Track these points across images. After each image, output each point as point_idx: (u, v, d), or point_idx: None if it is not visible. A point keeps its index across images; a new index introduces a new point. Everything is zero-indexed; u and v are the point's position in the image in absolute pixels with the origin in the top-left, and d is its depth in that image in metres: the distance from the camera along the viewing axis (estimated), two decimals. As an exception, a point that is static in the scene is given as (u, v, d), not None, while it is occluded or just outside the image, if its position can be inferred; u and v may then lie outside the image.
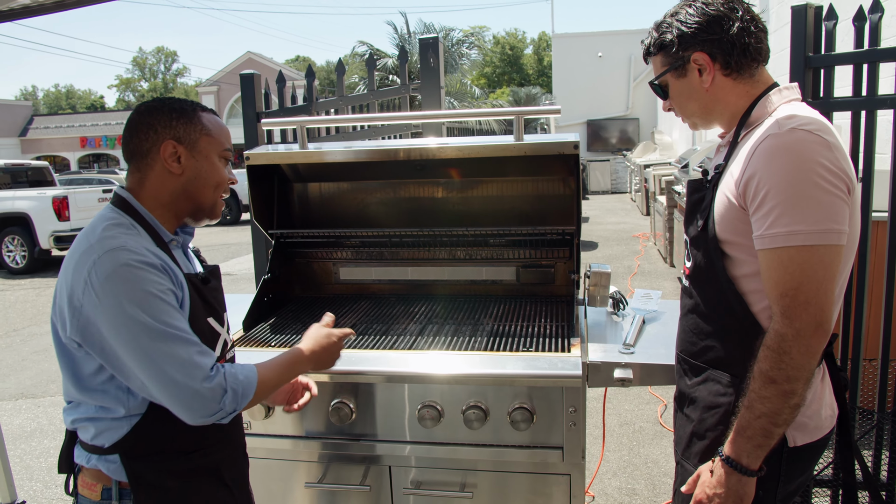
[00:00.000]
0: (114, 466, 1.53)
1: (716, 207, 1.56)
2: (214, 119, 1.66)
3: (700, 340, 1.66)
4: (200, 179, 1.60)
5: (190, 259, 1.72)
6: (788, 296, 1.38)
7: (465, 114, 2.89)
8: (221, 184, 1.66)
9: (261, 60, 35.31)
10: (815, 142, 1.39)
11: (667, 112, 1.83)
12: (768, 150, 1.42)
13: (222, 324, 1.69)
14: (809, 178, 1.37)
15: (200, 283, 1.63)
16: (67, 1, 2.12)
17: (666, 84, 1.70)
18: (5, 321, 8.31)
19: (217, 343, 1.65)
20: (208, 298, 1.64)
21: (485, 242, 2.95)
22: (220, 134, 1.64)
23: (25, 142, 37.42)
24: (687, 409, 1.70)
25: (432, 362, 2.18)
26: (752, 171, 1.44)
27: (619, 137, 24.45)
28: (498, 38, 52.87)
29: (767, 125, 1.48)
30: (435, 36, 3.17)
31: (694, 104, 1.67)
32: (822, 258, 1.37)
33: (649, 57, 1.73)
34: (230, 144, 1.68)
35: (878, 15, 2.46)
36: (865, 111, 2.58)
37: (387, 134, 3.66)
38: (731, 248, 1.55)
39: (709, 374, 1.63)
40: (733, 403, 1.54)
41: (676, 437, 1.76)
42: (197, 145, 1.59)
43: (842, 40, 2.64)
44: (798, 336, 1.36)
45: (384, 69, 19.77)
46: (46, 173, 13.95)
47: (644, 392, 5.06)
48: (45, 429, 4.91)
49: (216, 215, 1.69)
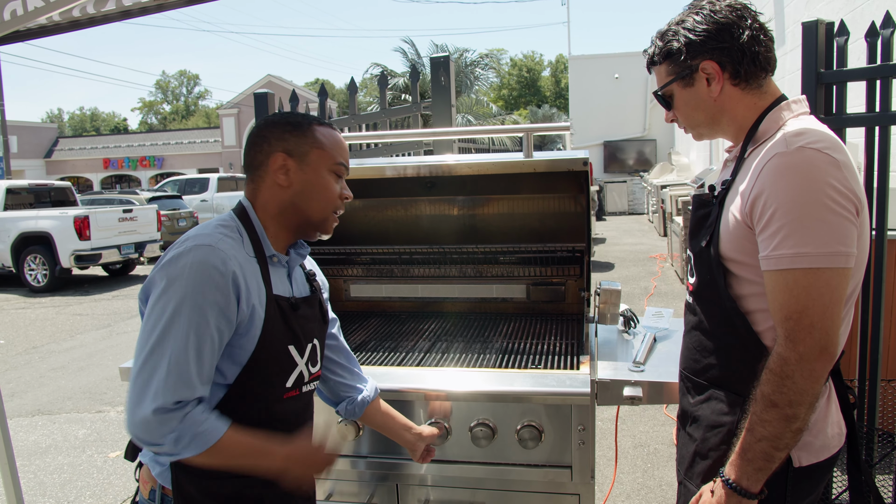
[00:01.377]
0: (161, 470, 1.52)
1: (722, 225, 1.53)
2: (329, 133, 1.61)
3: (703, 358, 1.62)
4: (309, 193, 1.57)
5: (293, 280, 1.66)
6: (793, 319, 1.34)
7: (474, 131, 2.90)
8: (332, 198, 1.60)
9: (280, 83, 35.85)
10: (824, 161, 1.36)
11: (669, 123, 1.77)
12: (775, 168, 1.39)
13: (303, 355, 1.61)
14: (817, 198, 1.34)
15: (290, 307, 1.57)
16: (82, 21, 2.17)
17: (671, 94, 1.64)
18: (25, 338, 8.41)
19: (291, 374, 1.58)
20: (293, 325, 1.57)
21: (495, 260, 2.94)
22: (333, 147, 1.60)
23: (50, 163, 38.19)
24: (690, 427, 1.66)
25: (440, 379, 2.17)
26: (758, 189, 1.41)
27: (636, 158, 24.40)
28: (515, 61, 53.29)
29: (775, 141, 1.44)
30: (446, 55, 3.19)
31: (701, 114, 1.62)
32: (829, 281, 1.33)
33: (653, 67, 1.67)
34: (344, 159, 1.63)
35: (890, 30, 2.44)
36: (879, 127, 2.55)
37: (398, 151, 3.69)
38: (735, 266, 1.51)
39: (711, 392, 1.59)
40: (736, 423, 1.51)
41: (679, 457, 1.72)
42: (307, 158, 1.56)
43: (858, 57, 2.63)
44: (801, 360, 1.33)
45: (396, 88, 19.98)
46: (69, 193, 14.18)
47: (659, 413, 4.99)
48: (59, 445, 4.94)
49: (327, 230, 1.64)
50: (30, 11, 2.20)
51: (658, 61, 1.64)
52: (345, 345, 1.95)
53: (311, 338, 1.65)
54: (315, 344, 1.68)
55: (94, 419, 5.46)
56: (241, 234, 1.54)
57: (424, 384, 2.15)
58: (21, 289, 12.24)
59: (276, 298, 1.54)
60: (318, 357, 1.70)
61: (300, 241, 1.70)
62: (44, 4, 2.18)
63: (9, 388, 6.37)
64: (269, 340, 1.50)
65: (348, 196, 1.64)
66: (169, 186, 20.84)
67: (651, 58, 1.67)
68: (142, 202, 15.06)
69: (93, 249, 11.77)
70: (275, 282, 1.56)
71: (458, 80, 22.99)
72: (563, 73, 48.47)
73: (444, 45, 23.46)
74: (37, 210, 12.62)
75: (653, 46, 1.65)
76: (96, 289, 12.17)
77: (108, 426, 5.29)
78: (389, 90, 19.93)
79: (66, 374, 6.75)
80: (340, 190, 1.62)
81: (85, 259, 11.78)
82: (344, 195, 1.63)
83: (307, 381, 1.66)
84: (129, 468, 4.45)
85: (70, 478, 4.37)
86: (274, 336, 1.51)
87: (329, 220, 1.62)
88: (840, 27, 2.59)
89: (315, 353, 1.69)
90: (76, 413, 5.63)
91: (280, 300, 1.55)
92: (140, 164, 37.21)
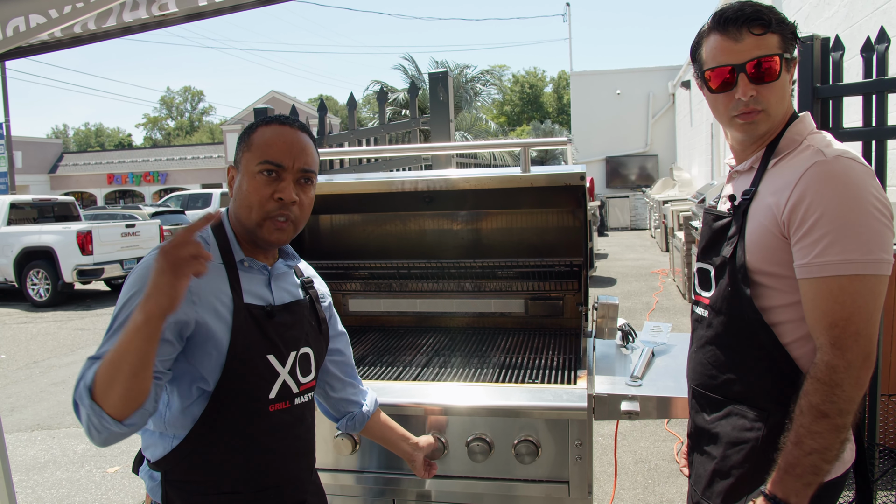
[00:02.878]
0: (153, 484, 1.51)
1: (749, 236, 1.50)
2: (266, 131, 1.51)
3: (721, 373, 1.58)
4: (241, 199, 1.50)
5: (275, 287, 1.58)
6: (839, 326, 1.33)
7: (471, 145, 2.91)
8: (259, 201, 1.47)
9: (284, 99, 36.09)
10: (863, 171, 1.38)
11: (745, 98, 1.49)
12: (818, 176, 1.38)
13: (284, 364, 1.54)
14: (862, 206, 1.34)
15: (264, 315, 1.51)
16: (83, 36, 2.20)
17: (779, 68, 1.48)
18: (26, 353, 8.41)
19: (273, 384, 1.51)
20: (269, 334, 1.51)
21: (493, 274, 2.94)
22: (261, 146, 1.49)
23: (55, 178, 38.37)
24: (707, 446, 1.61)
25: (437, 394, 2.16)
26: (798, 198, 1.39)
27: (639, 174, 24.44)
28: (517, 77, 53.57)
29: (811, 151, 1.45)
30: (444, 70, 3.22)
31: (784, 105, 1.53)
32: (874, 288, 1.33)
33: (766, 30, 1.47)
34: (272, 156, 1.47)
35: (885, 45, 2.46)
36: (875, 141, 2.56)
37: (397, 166, 3.70)
38: (763, 277, 1.49)
39: (731, 408, 1.55)
40: (761, 439, 1.48)
41: (695, 476, 1.66)
42: (240, 164, 1.52)
43: (857, 73, 2.63)
44: (850, 368, 1.32)
45: (396, 104, 20.09)
46: (72, 208, 14.24)
47: (660, 429, 4.95)
48: (58, 460, 4.92)
49: (263, 236, 1.50)
50: (32, 28, 2.23)
51: (778, 30, 1.48)
52: (351, 359, 1.92)
53: (295, 346, 1.58)
54: (305, 353, 1.61)
55: (94, 434, 5.45)
56: (209, 243, 1.52)
57: (421, 398, 2.14)
58: (23, 303, 12.25)
59: (248, 307, 1.49)
60: (310, 367, 1.63)
61: (287, 250, 1.69)
62: (46, 21, 2.21)
63: (9, 403, 6.36)
64: (241, 348, 1.45)
65: (283, 197, 1.47)
66: (172, 202, 20.93)
67: (775, 23, 1.48)
68: (144, 217, 15.12)
69: (95, 264, 11.80)
70: (247, 289, 1.51)
71: (459, 96, 23.10)
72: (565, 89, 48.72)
73: (445, 62, 23.63)
74: (40, 225, 12.67)
75: (770, 12, 1.49)
76: (98, 303, 12.18)
77: (108, 441, 5.27)
78: (390, 105, 20.05)
79: (66, 389, 6.73)
80: (272, 192, 1.48)
81: (87, 274, 11.80)
82: (276, 196, 1.48)
83: (297, 392, 1.58)
84: (127, 484, 4.43)
85: (68, 493, 4.35)
86: (246, 344, 1.46)
87: (264, 226, 1.49)
88: (835, 42, 2.61)
89: (307, 362, 1.62)
90: (75, 428, 5.61)
91: (253, 308, 1.50)
92: (144, 179, 37.36)
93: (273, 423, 1.53)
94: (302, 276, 1.73)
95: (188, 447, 1.46)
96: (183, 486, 1.47)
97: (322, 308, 1.74)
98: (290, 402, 1.57)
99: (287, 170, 1.49)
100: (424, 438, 2.01)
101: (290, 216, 1.51)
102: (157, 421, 1.49)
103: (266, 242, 1.53)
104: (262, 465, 1.52)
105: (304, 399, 1.62)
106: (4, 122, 21.24)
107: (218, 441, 1.47)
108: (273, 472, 1.54)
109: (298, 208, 1.53)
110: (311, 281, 1.75)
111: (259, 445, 1.51)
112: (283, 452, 1.56)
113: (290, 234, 1.54)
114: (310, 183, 1.56)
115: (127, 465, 4.73)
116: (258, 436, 1.51)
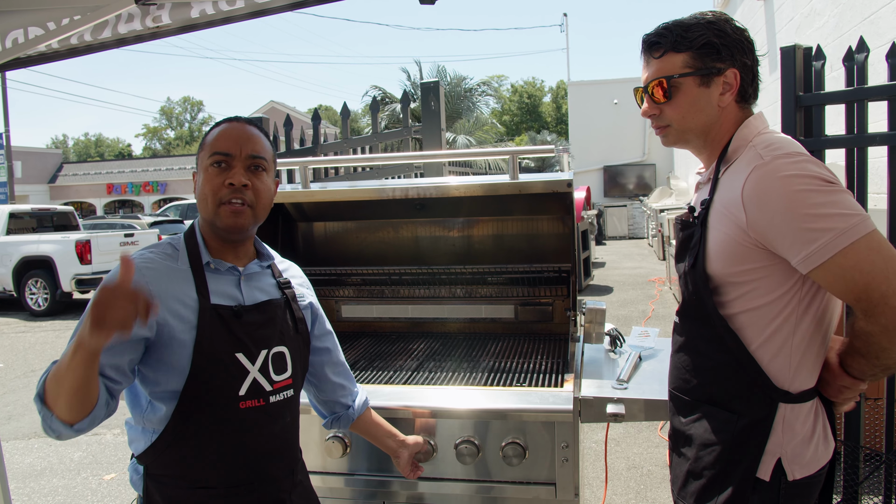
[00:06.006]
0: (136, 477, 1.56)
1: (711, 244, 1.54)
2: (216, 129, 1.59)
3: (692, 377, 1.63)
4: (199, 195, 1.58)
5: (245, 288, 1.62)
6: (863, 299, 1.36)
7: (463, 153, 2.96)
8: (212, 190, 1.54)
9: (283, 109, 36.23)
10: (795, 162, 1.41)
11: (646, 117, 1.67)
12: (758, 183, 1.42)
13: (254, 362, 1.56)
14: (807, 193, 1.37)
15: (232, 315, 1.55)
16: (79, 48, 2.25)
17: (678, 86, 1.56)
18: (24, 362, 8.42)
19: (242, 381, 1.54)
20: (237, 333, 1.54)
21: (483, 280, 2.98)
22: (210, 142, 1.57)
23: (55, 188, 38.45)
24: (683, 447, 1.66)
25: (426, 397, 2.20)
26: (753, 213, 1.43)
27: (636, 183, 24.53)
28: (516, 87, 53.74)
29: (748, 157, 1.48)
30: (436, 80, 3.27)
31: (701, 117, 1.57)
32: (870, 246, 1.34)
33: (664, 53, 1.57)
34: (221, 147, 1.55)
35: (864, 55, 2.51)
36: (856, 148, 2.61)
37: (390, 174, 3.75)
38: (726, 285, 1.52)
39: (703, 411, 1.60)
40: (730, 440, 1.52)
41: (673, 476, 1.71)
42: (198, 165, 1.60)
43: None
44: (885, 331, 1.36)
45: (393, 113, 20.22)
46: (71, 218, 14.29)
47: (653, 435, 4.98)
48: (54, 468, 4.94)
49: (222, 222, 1.55)
50: (30, 39, 2.28)
51: (681, 49, 1.55)
52: (340, 358, 1.94)
53: (266, 345, 1.60)
54: (280, 351, 1.63)
55: (90, 442, 5.46)
56: (178, 249, 1.59)
57: (410, 402, 2.18)
58: (21, 312, 12.27)
59: (215, 307, 1.53)
60: (285, 365, 1.64)
61: (263, 250, 1.73)
62: (44, 33, 2.26)
63: (6, 411, 6.38)
64: (207, 346, 1.49)
65: (233, 182, 1.53)
66: (171, 211, 20.98)
67: (669, 43, 1.57)
68: (143, 227, 15.17)
69: (94, 273, 11.82)
70: (215, 290, 1.57)
71: (459, 105, 23.21)
72: (563, 99, 48.86)
73: (444, 70, 23.75)
74: (39, 234, 12.70)
75: (670, 34, 1.57)
76: (96, 313, 12.18)
77: (104, 449, 5.29)
78: (387, 114, 20.16)
79: (63, 398, 6.74)
80: (224, 180, 1.54)
81: (86, 283, 11.82)
82: (227, 182, 1.54)
83: (271, 390, 1.60)
84: (123, 491, 4.45)
85: (64, 500, 4.37)
86: (212, 342, 1.50)
87: (220, 212, 1.55)
88: (817, 52, 2.66)
89: (282, 361, 1.63)
90: (72, 436, 5.63)
91: (220, 308, 1.54)
92: (143, 189, 37.44)
93: (245, 421, 1.55)
94: (280, 276, 1.75)
95: (165, 442, 1.51)
96: (161, 479, 1.52)
97: (299, 308, 1.76)
98: (265, 401, 1.58)
99: (235, 157, 1.56)
100: (412, 437, 2.04)
101: (246, 199, 1.56)
102: (138, 416, 1.55)
103: (226, 229, 1.57)
104: (234, 461, 1.55)
105: (281, 397, 1.63)
106: (4, 132, 21.34)
107: (191, 436, 1.51)
108: (245, 469, 1.57)
109: (253, 193, 1.57)
110: (289, 282, 1.77)
111: (230, 442, 1.54)
112: (256, 450, 1.58)
113: (247, 217, 1.58)
114: (261, 170, 1.60)
115: (123, 472, 4.76)
116: (229, 432, 1.54)
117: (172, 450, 1.51)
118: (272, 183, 1.67)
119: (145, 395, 1.53)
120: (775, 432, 1.49)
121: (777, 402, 1.48)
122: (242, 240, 1.65)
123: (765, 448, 1.48)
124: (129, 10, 2.15)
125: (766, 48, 9.05)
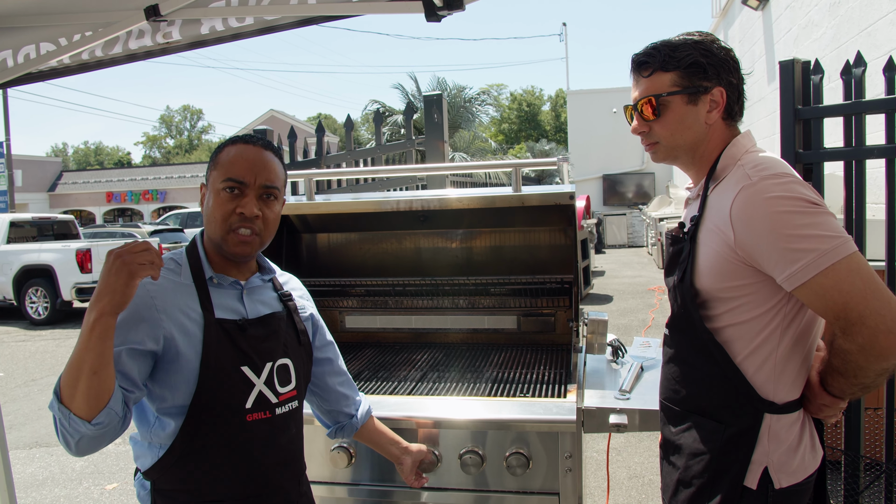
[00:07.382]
0: (144, 493, 1.57)
1: (700, 260, 1.58)
2: (232, 150, 1.60)
3: (682, 388, 1.67)
4: (208, 216, 1.59)
5: (248, 302, 1.64)
6: (841, 317, 1.40)
7: (465, 166, 2.99)
8: (222, 216, 1.56)
9: (282, 118, 36.33)
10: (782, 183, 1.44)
11: (636, 134, 1.71)
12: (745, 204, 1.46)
13: (259, 374, 1.58)
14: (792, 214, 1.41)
15: (237, 329, 1.57)
16: (90, 63, 2.28)
17: (666, 105, 1.60)
18: (24, 371, 8.43)
19: (249, 394, 1.56)
20: (243, 346, 1.56)
21: (486, 291, 3.01)
22: (224, 164, 1.58)
23: (54, 196, 38.46)
24: (672, 456, 1.70)
25: (431, 408, 2.22)
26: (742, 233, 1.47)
27: (636, 191, 24.60)
28: (515, 96, 53.94)
29: (737, 176, 1.52)
30: (439, 93, 3.31)
31: (688, 135, 1.61)
32: (850, 267, 1.38)
33: (653, 73, 1.61)
34: (235, 174, 1.56)
35: (862, 69, 2.55)
36: (854, 161, 2.65)
37: (393, 186, 3.79)
38: (714, 300, 1.56)
39: (692, 421, 1.63)
40: (718, 450, 1.55)
41: (663, 485, 1.75)
42: (209, 182, 1.61)
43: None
44: (862, 350, 1.39)
45: (395, 125, 20.30)
46: (71, 226, 14.31)
47: (654, 445, 4.99)
48: (56, 478, 4.95)
49: (229, 248, 1.58)
50: (42, 55, 2.31)
51: (669, 68, 1.59)
52: (342, 368, 1.96)
53: (270, 357, 1.62)
54: (284, 363, 1.65)
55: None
56: (180, 263, 1.61)
57: (415, 412, 2.20)
58: (22, 321, 12.27)
59: (220, 321, 1.55)
60: (290, 377, 1.66)
61: (264, 264, 1.76)
62: (55, 48, 2.29)
63: (7, 421, 6.38)
64: (213, 360, 1.51)
65: (245, 212, 1.55)
66: (171, 220, 21.02)
67: (659, 62, 1.61)
68: (144, 235, 15.18)
69: (94, 282, 11.82)
70: (219, 304, 1.59)
71: (458, 116, 23.29)
72: (562, 108, 49.01)
73: (443, 80, 23.85)
74: (39, 243, 12.71)
75: (658, 53, 1.61)
76: (97, 321, 12.17)
77: (106, 458, 5.29)
78: (388, 126, 20.23)
79: (64, 407, 6.74)
80: (235, 207, 1.56)
81: (86, 292, 11.82)
82: (238, 211, 1.55)
83: (277, 402, 1.62)
84: (125, 500, 4.46)
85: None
86: (218, 357, 1.52)
87: (228, 239, 1.57)
88: (815, 66, 2.70)
89: (286, 372, 1.65)
90: (74, 445, 5.63)
91: (225, 322, 1.56)
92: (143, 197, 37.44)
93: (253, 433, 1.57)
94: (281, 289, 1.78)
95: (173, 457, 1.52)
96: (170, 494, 1.53)
97: (300, 320, 1.78)
98: (271, 412, 1.60)
99: (249, 186, 1.57)
100: (415, 445, 2.06)
101: (255, 229, 1.59)
102: (145, 431, 1.56)
103: (232, 255, 1.60)
104: (243, 474, 1.56)
105: (287, 409, 1.65)
106: (5, 141, 21.39)
107: (199, 451, 1.52)
108: (255, 481, 1.58)
109: (262, 222, 1.60)
110: (290, 294, 1.79)
111: (239, 455, 1.55)
112: (265, 462, 1.60)
113: (255, 246, 1.62)
114: (273, 198, 1.63)
115: (125, 482, 4.76)
116: (238, 445, 1.55)
117: (181, 464, 1.52)
118: (281, 207, 1.69)
119: (153, 411, 1.54)
120: (761, 442, 1.52)
121: (762, 413, 1.52)
122: (247, 262, 1.69)
123: (752, 457, 1.52)
124: (140, 26, 2.19)
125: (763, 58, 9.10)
